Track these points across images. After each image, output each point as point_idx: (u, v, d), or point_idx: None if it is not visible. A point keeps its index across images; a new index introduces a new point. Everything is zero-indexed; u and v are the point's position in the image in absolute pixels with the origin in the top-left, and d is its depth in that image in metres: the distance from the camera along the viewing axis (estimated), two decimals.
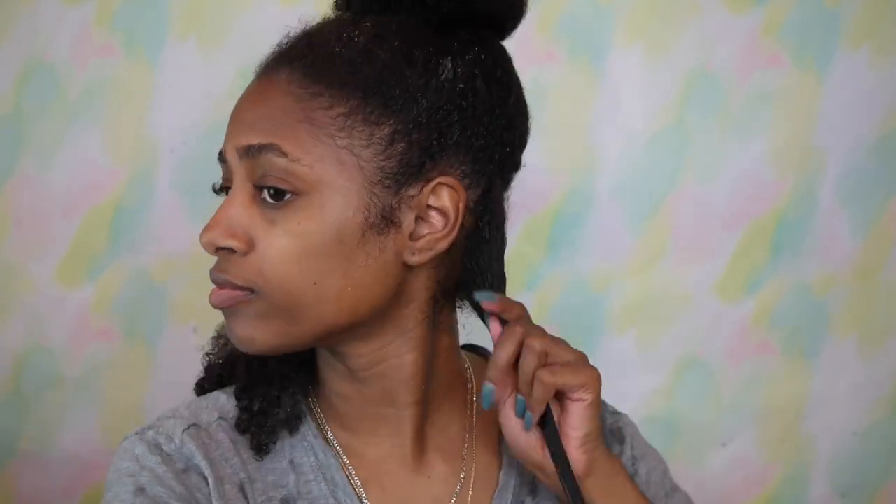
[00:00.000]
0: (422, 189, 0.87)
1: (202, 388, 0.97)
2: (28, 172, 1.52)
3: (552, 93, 1.57)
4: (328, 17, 0.92)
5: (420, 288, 0.89)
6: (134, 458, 0.89)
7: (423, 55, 0.87)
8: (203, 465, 0.89)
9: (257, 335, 0.87)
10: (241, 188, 0.87)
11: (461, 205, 0.87)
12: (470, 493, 0.95)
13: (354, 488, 0.93)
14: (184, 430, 0.90)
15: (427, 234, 0.87)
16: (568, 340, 0.92)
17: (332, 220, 0.85)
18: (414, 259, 0.87)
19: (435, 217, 0.88)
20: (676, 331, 1.64)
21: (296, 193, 0.85)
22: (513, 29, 0.94)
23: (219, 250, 0.87)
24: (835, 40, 1.61)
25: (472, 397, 0.98)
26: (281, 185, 0.85)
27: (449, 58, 0.88)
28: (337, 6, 0.93)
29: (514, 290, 1.59)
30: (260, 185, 0.86)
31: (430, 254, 0.88)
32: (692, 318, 1.64)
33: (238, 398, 0.93)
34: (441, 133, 0.87)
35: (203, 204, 0.93)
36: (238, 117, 0.89)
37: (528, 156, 1.62)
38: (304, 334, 0.87)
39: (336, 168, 0.85)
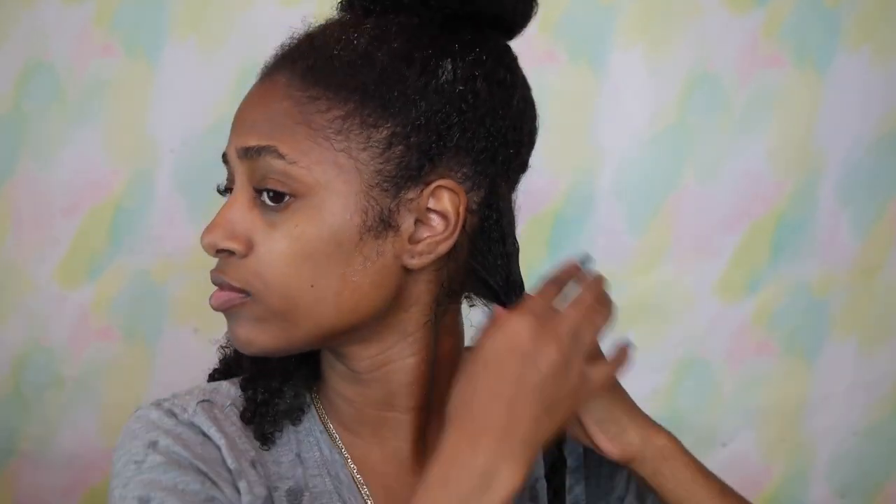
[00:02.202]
0: (421, 192, 0.86)
1: (213, 379, 0.98)
2: (28, 172, 1.52)
3: (553, 93, 1.56)
4: (331, 19, 0.91)
5: (422, 291, 0.89)
6: (148, 421, 0.89)
7: (423, 57, 0.87)
8: (213, 432, 0.89)
9: (255, 337, 0.87)
10: (241, 190, 0.87)
11: (461, 208, 0.87)
12: None
13: (358, 487, 0.93)
14: (198, 403, 0.91)
15: (427, 237, 0.87)
16: None
17: (330, 223, 0.85)
18: (413, 262, 0.87)
19: (435, 220, 0.87)
20: (676, 331, 1.64)
21: (294, 196, 0.85)
22: (521, 28, 0.94)
23: (219, 252, 0.87)
24: (835, 41, 1.61)
25: None
26: (279, 188, 0.85)
27: (449, 59, 0.87)
28: (341, 7, 0.92)
29: None
30: (259, 188, 0.86)
31: (431, 257, 0.87)
32: (692, 318, 1.64)
33: (243, 389, 0.94)
34: (440, 136, 0.86)
35: (203, 204, 0.94)
36: (240, 119, 0.89)
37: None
38: (303, 337, 0.87)
39: (334, 171, 0.85)
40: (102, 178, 1.54)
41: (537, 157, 0.96)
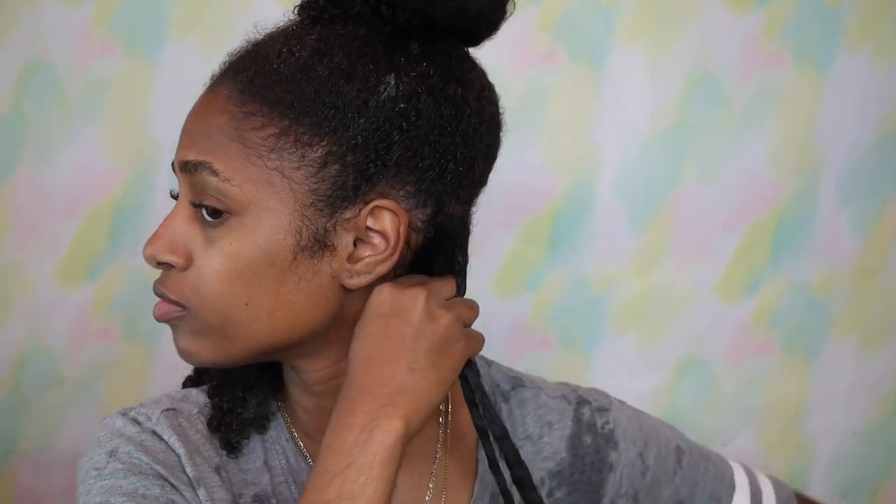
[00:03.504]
0: (359, 212, 0.84)
1: (186, 384, 0.98)
2: (28, 172, 1.52)
3: (553, 93, 1.57)
4: (280, 26, 0.89)
5: (363, 309, 0.87)
6: (111, 429, 0.89)
7: (364, 71, 0.84)
8: (173, 441, 0.89)
9: (195, 350, 0.88)
10: (183, 203, 0.87)
11: (402, 227, 0.85)
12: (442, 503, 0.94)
13: None
14: (162, 412, 0.91)
15: (367, 256, 0.85)
16: (568, 341, 0.92)
17: (262, 242, 0.84)
18: (352, 282, 0.85)
19: (376, 239, 0.85)
20: (676, 331, 1.64)
21: (230, 213, 0.84)
22: (488, 35, 0.90)
23: (160, 264, 0.88)
24: (835, 41, 1.61)
25: (447, 406, 0.96)
26: (215, 205, 0.84)
27: (392, 74, 0.84)
28: (296, 12, 0.90)
29: (514, 290, 1.59)
30: (197, 203, 0.85)
31: (370, 277, 0.85)
32: (692, 318, 1.64)
33: (210, 397, 0.94)
34: (379, 155, 0.84)
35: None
36: (184, 130, 0.88)
37: (529, 156, 1.62)
38: (240, 351, 0.87)
39: (267, 190, 0.83)
40: (102, 178, 1.54)
41: (538, 157, 0.96)
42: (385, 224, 0.85)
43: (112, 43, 1.52)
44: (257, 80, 0.85)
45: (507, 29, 0.91)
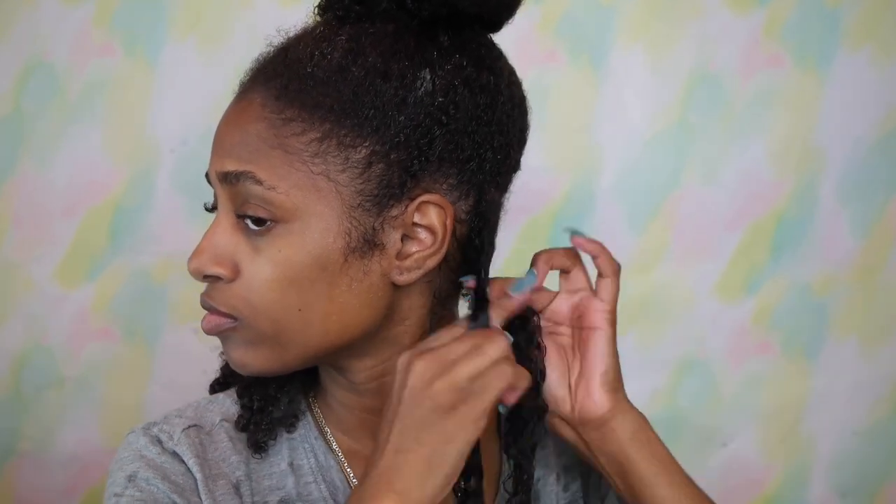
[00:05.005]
0: (405, 208, 0.84)
1: (213, 389, 0.98)
2: (28, 172, 1.52)
3: (553, 93, 1.57)
4: (307, 27, 0.89)
5: (414, 304, 0.88)
6: (133, 449, 0.90)
7: (399, 69, 0.84)
8: (192, 463, 0.89)
9: (249, 360, 0.87)
10: (224, 214, 0.86)
11: (448, 221, 0.85)
12: None
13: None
14: (183, 430, 0.91)
15: (415, 252, 0.85)
16: None
17: (313, 247, 0.84)
18: (402, 279, 0.85)
19: (423, 234, 0.85)
20: (676, 331, 1.64)
21: (276, 221, 0.84)
22: (507, 20, 0.90)
23: (206, 277, 0.87)
24: (836, 41, 1.61)
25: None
26: (260, 213, 0.84)
27: (427, 69, 0.84)
28: (318, 12, 0.89)
29: None
30: (241, 213, 0.85)
31: (419, 272, 0.85)
32: (692, 318, 1.64)
33: (239, 396, 0.94)
34: (422, 150, 0.84)
35: (203, 204, 0.93)
36: (218, 141, 0.87)
37: (529, 156, 1.62)
38: (295, 358, 0.87)
39: (313, 195, 0.83)
40: (102, 178, 1.54)
41: (538, 157, 0.95)
42: (431, 218, 0.85)
43: (112, 43, 1.52)
44: (292, 85, 0.84)
45: (507, 29, 0.91)
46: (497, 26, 0.90)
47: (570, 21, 1.57)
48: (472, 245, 0.87)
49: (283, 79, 0.85)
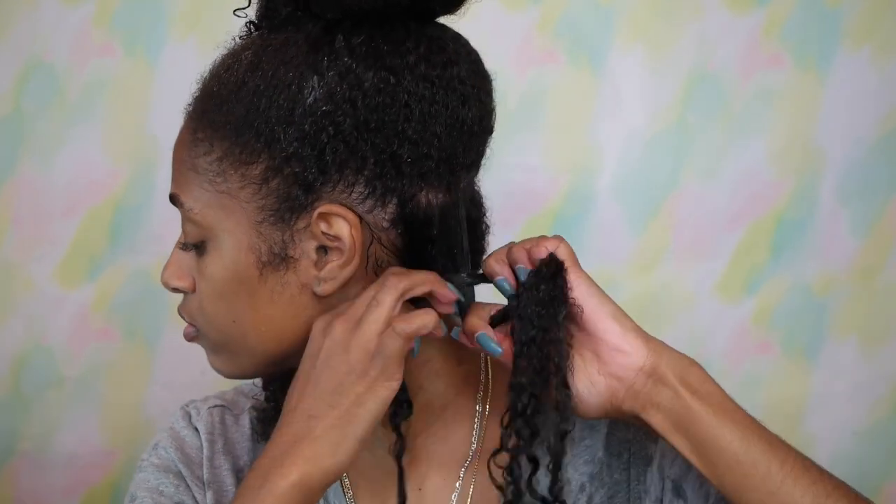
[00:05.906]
0: (310, 220, 0.84)
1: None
2: (28, 172, 1.52)
3: (552, 93, 1.56)
4: (230, 45, 0.89)
5: None
6: (171, 421, 0.98)
7: (287, 80, 0.83)
8: (204, 438, 0.96)
9: (218, 365, 0.91)
10: (182, 232, 0.89)
11: (355, 231, 0.83)
12: None
13: (344, 490, 0.93)
14: (209, 408, 0.98)
15: (332, 262, 0.85)
16: None
17: (228, 262, 0.86)
18: (321, 289, 0.85)
19: (336, 244, 0.84)
20: (676, 331, 1.64)
21: (203, 239, 0.87)
22: (450, 10, 0.86)
23: (173, 290, 0.90)
24: (836, 40, 1.61)
25: (482, 407, 0.95)
26: (188, 233, 0.87)
27: (315, 77, 0.82)
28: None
29: None
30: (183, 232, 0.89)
31: (337, 283, 0.85)
32: (692, 318, 1.64)
33: (263, 390, 0.98)
34: (315, 161, 0.82)
35: None
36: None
37: (528, 156, 1.62)
38: (251, 365, 0.89)
39: (221, 213, 0.85)
40: (102, 178, 1.54)
41: (537, 157, 0.95)
42: (339, 229, 0.84)
43: (112, 43, 1.52)
44: (202, 106, 0.86)
45: (507, 29, 0.91)
46: (430, 15, 0.86)
47: (569, 21, 1.57)
48: (414, 250, 0.85)
49: (197, 101, 0.87)
